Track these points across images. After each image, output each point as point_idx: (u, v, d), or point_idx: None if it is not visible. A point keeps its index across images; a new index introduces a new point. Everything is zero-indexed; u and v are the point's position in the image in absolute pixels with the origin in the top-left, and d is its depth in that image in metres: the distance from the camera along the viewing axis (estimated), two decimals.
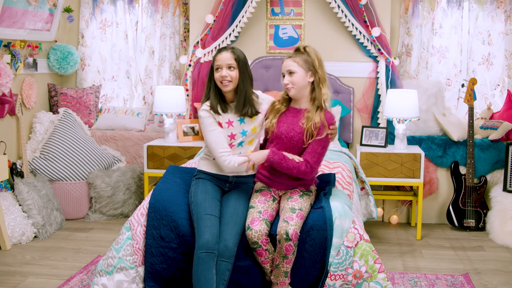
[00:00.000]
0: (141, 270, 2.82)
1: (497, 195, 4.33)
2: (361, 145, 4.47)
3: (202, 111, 2.87)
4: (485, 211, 4.42)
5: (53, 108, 5.09)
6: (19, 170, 4.46)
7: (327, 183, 3.02)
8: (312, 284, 2.73)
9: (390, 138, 4.52)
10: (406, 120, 4.25)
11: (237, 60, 2.84)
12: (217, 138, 2.83)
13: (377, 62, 4.65)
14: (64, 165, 4.63)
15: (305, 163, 2.74)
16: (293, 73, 2.79)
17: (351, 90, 4.72)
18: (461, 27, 4.78)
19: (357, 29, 4.59)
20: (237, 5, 4.65)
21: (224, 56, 2.83)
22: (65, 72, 5.05)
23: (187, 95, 4.77)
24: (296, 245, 2.63)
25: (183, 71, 4.97)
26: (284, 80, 2.83)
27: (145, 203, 2.94)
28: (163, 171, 4.27)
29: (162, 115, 4.53)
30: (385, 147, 4.38)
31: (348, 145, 4.73)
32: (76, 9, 5.18)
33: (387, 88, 4.57)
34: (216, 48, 4.71)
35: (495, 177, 4.52)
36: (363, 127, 4.52)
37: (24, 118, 4.65)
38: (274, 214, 2.80)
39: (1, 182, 4.26)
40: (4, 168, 3.91)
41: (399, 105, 4.24)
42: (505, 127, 4.45)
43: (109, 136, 5.02)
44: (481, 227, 4.44)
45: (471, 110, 4.36)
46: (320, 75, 2.81)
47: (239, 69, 2.84)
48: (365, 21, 4.55)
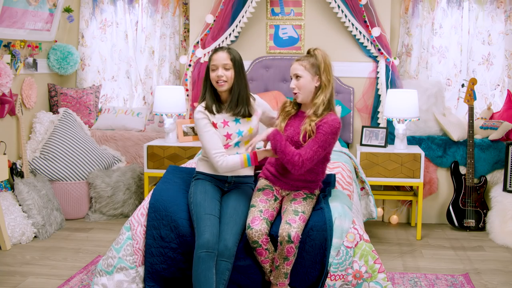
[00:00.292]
0: (141, 270, 2.82)
1: (497, 195, 4.33)
2: (361, 145, 4.47)
3: (197, 113, 2.88)
4: (485, 211, 4.42)
5: (53, 108, 5.09)
6: (19, 170, 4.46)
7: (327, 184, 3.03)
8: (311, 284, 2.73)
9: (390, 138, 4.52)
10: (406, 120, 4.25)
11: (233, 60, 2.85)
12: (211, 139, 2.83)
13: (377, 62, 4.65)
14: (64, 165, 4.63)
15: (298, 155, 2.70)
16: (299, 77, 2.77)
17: (351, 90, 4.72)
18: (461, 27, 4.78)
19: (357, 29, 4.59)
20: (237, 5, 4.65)
21: (220, 56, 2.84)
22: (65, 72, 5.05)
23: (187, 95, 4.77)
24: (297, 247, 2.63)
25: (183, 71, 4.97)
26: (291, 84, 2.81)
27: (145, 203, 2.94)
28: (163, 171, 4.28)
29: (162, 115, 4.53)
30: (385, 147, 4.38)
31: (348, 145, 4.73)
32: (76, 9, 5.18)
33: (387, 88, 4.57)
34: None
35: (495, 177, 4.52)
36: (363, 127, 4.52)
37: (24, 118, 4.65)
38: (274, 214, 2.80)
39: (1, 182, 4.26)
40: (4, 168, 3.91)
41: (399, 105, 4.24)
42: (505, 127, 4.45)
43: (109, 136, 5.02)
44: (481, 227, 4.43)
45: (471, 110, 4.36)
46: (323, 80, 2.76)
47: (234, 69, 2.86)
48: (365, 21, 4.55)
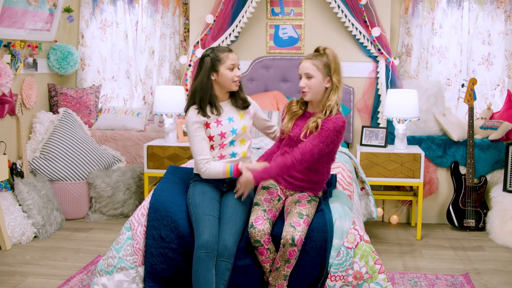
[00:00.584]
0: (141, 270, 2.82)
1: (497, 195, 4.32)
2: (361, 145, 4.47)
3: (190, 116, 2.89)
4: (485, 211, 4.42)
5: (53, 108, 5.09)
6: (19, 170, 4.45)
7: (328, 185, 3.02)
8: (310, 284, 2.73)
9: (390, 138, 4.52)
10: (406, 120, 4.25)
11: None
12: (200, 145, 2.86)
13: (377, 62, 4.65)
14: (64, 165, 4.62)
15: (291, 157, 2.68)
16: (311, 77, 2.73)
17: (351, 90, 4.72)
18: (461, 27, 4.78)
19: (357, 29, 4.59)
20: (237, 5, 4.65)
21: (234, 56, 2.91)
22: (65, 72, 5.05)
23: (187, 95, 4.76)
24: (299, 251, 2.62)
25: (183, 71, 4.97)
26: (300, 82, 2.76)
27: (146, 203, 2.94)
28: (163, 171, 4.28)
29: (162, 115, 4.53)
30: (385, 147, 4.38)
31: (348, 145, 4.73)
32: (76, 9, 5.18)
33: (387, 88, 4.57)
34: None
35: (495, 177, 4.52)
36: (363, 127, 4.51)
37: (24, 118, 4.65)
38: (277, 214, 2.79)
39: (1, 182, 4.26)
40: (4, 168, 3.91)
41: (399, 105, 4.24)
42: (505, 127, 4.45)
43: (109, 136, 5.02)
44: (481, 227, 4.43)
45: (471, 110, 4.36)
46: (334, 82, 2.73)
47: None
48: (365, 21, 4.54)
